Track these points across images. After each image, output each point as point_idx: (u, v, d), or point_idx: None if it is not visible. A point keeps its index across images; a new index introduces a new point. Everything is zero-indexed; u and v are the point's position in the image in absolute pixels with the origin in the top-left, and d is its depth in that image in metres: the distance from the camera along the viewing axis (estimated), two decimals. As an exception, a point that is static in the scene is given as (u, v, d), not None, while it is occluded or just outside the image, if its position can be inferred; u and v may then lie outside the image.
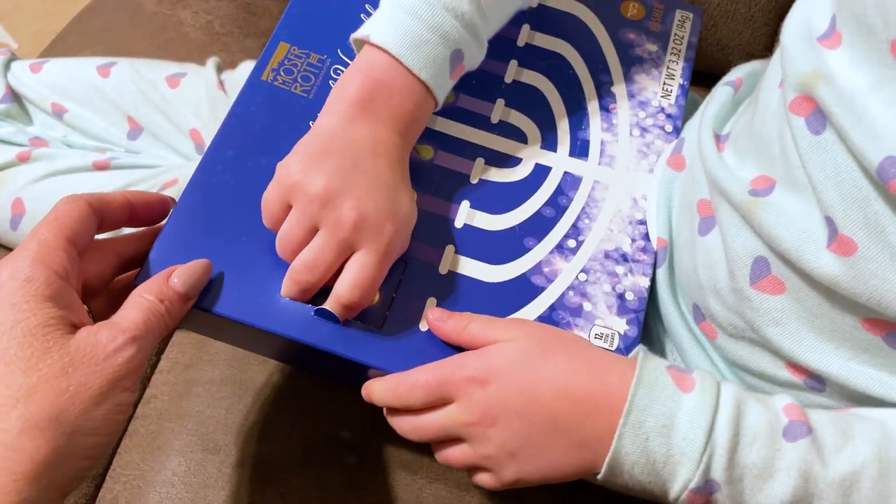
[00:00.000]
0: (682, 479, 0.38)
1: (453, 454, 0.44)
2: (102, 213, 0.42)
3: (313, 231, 0.43)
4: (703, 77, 0.64)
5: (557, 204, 0.50)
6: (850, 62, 0.36)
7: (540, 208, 0.50)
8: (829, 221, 0.37)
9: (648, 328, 0.54)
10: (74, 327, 0.37)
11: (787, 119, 0.39)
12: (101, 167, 0.65)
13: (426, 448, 0.57)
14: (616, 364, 0.41)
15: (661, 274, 0.51)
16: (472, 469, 0.44)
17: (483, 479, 0.44)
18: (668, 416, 0.38)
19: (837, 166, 0.36)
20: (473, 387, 0.41)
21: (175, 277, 0.42)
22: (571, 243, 0.49)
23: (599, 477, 0.40)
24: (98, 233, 0.42)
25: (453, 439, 0.44)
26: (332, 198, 0.42)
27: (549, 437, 0.40)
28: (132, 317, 0.39)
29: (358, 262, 0.43)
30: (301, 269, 0.43)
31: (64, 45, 0.82)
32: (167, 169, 0.65)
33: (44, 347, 0.35)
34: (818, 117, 0.37)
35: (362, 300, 0.43)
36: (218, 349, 0.61)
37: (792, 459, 0.37)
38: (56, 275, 0.37)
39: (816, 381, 0.42)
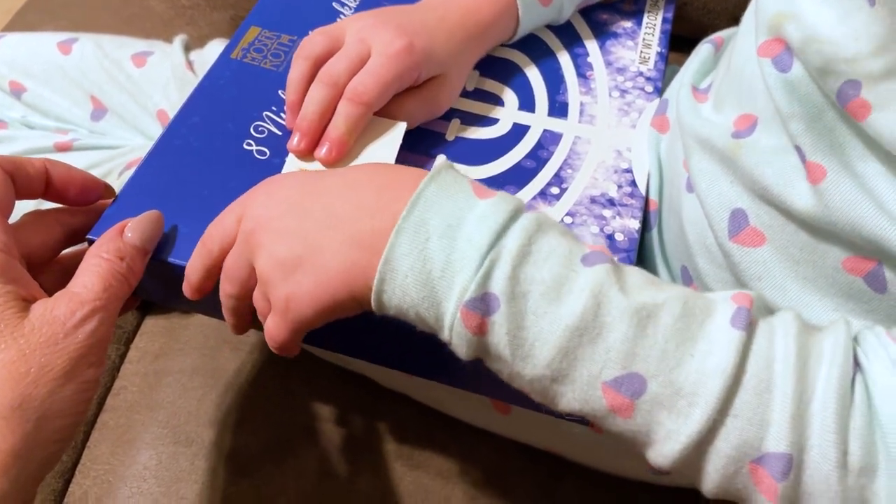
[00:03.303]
0: (457, 290, 0.32)
1: (255, 296, 0.38)
2: (14, 177, 0.38)
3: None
4: (689, 43, 0.63)
5: (538, 157, 0.49)
6: (820, 1, 0.37)
7: (520, 161, 0.49)
8: (798, 150, 0.38)
9: None
10: (27, 302, 0.34)
11: (758, 63, 0.41)
12: (63, 148, 0.63)
13: (406, 437, 0.56)
14: (416, 170, 0.37)
15: (653, 237, 0.50)
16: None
17: (267, 324, 0.38)
18: (457, 217, 0.33)
19: (803, 98, 0.38)
20: (260, 195, 0.38)
21: (129, 231, 0.39)
22: (555, 190, 0.48)
23: (374, 292, 0.34)
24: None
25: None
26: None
27: (323, 233, 0.35)
28: (90, 283, 0.36)
29: (369, 62, 0.45)
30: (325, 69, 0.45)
31: (24, 22, 0.79)
32: (132, 149, 0.62)
33: None
34: (786, 56, 0.39)
35: (363, 94, 0.44)
36: (189, 337, 0.59)
37: (586, 281, 0.32)
38: None
39: None
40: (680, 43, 0.66)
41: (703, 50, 0.53)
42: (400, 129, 0.46)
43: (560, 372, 0.33)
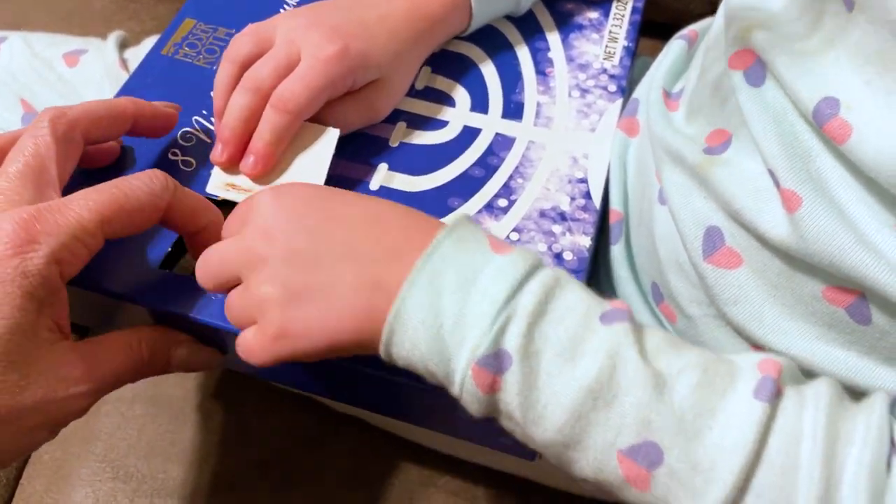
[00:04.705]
0: (469, 346, 0.31)
1: (231, 298, 0.35)
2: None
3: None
4: (662, 29, 0.60)
5: (487, 164, 0.46)
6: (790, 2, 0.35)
7: (467, 169, 0.46)
8: (772, 175, 0.35)
9: None
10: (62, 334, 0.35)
11: (730, 76, 0.38)
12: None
13: (365, 464, 0.53)
14: (439, 223, 0.35)
15: (618, 251, 0.47)
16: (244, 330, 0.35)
17: (246, 338, 0.34)
18: (472, 271, 0.32)
19: (777, 117, 0.35)
20: (272, 196, 0.35)
21: None
22: (502, 202, 0.45)
23: (382, 343, 0.32)
24: None
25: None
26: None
27: (340, 265, 0.33)
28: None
29: (298, 67, 0.42)
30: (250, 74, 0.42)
31: (-47, 19, 0.74)
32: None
33: None
34: (757, 69, 0.36)
35: (290, 101, 0.41)
36: (129, 362, 0.55)
37: (603, 340, 0.31)
38: None
39: None
40: (653, 29, 0.63)
41: (675, 47, 0.49)
42: (332, 136, 0.43)
43: (573, 438, 0.31)
